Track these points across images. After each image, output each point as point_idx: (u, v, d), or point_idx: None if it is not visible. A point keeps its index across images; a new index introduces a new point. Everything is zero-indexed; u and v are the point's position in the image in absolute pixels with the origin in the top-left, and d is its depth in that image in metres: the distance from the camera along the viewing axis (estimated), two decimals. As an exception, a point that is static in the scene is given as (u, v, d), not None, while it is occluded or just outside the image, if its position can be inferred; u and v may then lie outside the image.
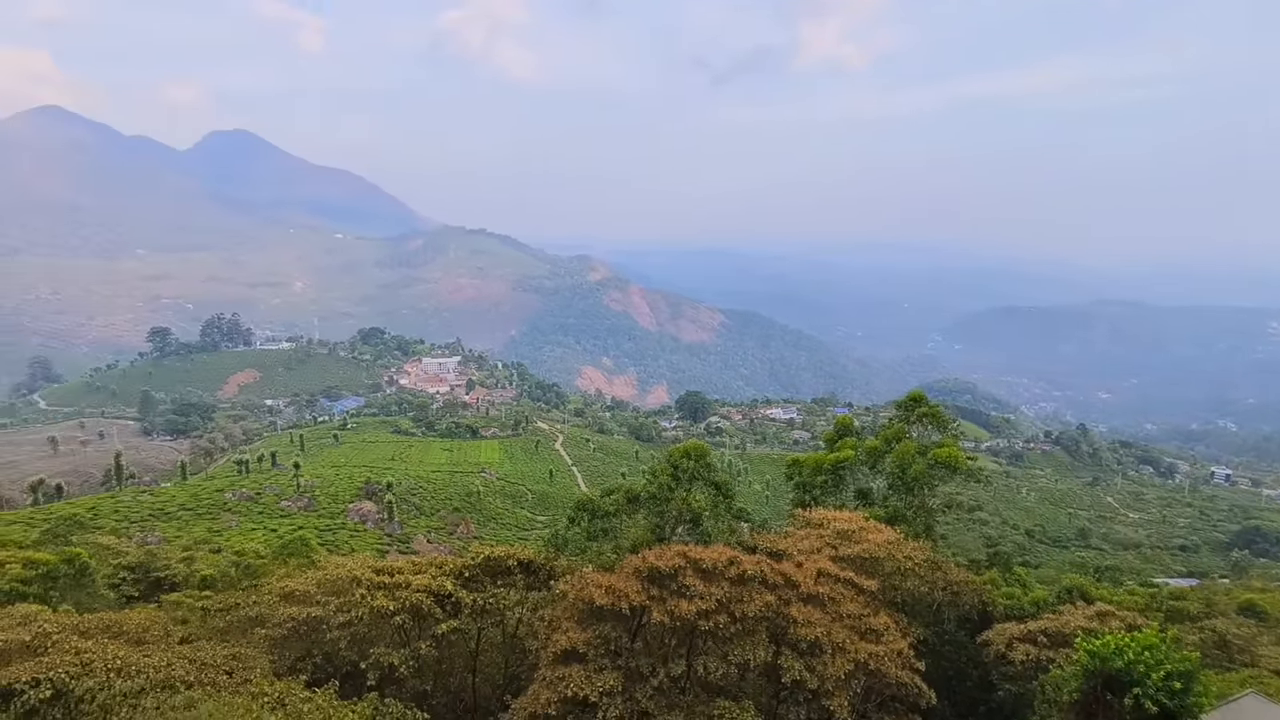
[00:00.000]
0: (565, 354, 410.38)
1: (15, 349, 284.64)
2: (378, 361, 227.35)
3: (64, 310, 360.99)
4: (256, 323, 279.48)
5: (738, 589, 14.21)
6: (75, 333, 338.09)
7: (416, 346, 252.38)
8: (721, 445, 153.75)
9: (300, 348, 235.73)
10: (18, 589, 24.48)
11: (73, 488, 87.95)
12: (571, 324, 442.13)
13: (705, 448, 27.35)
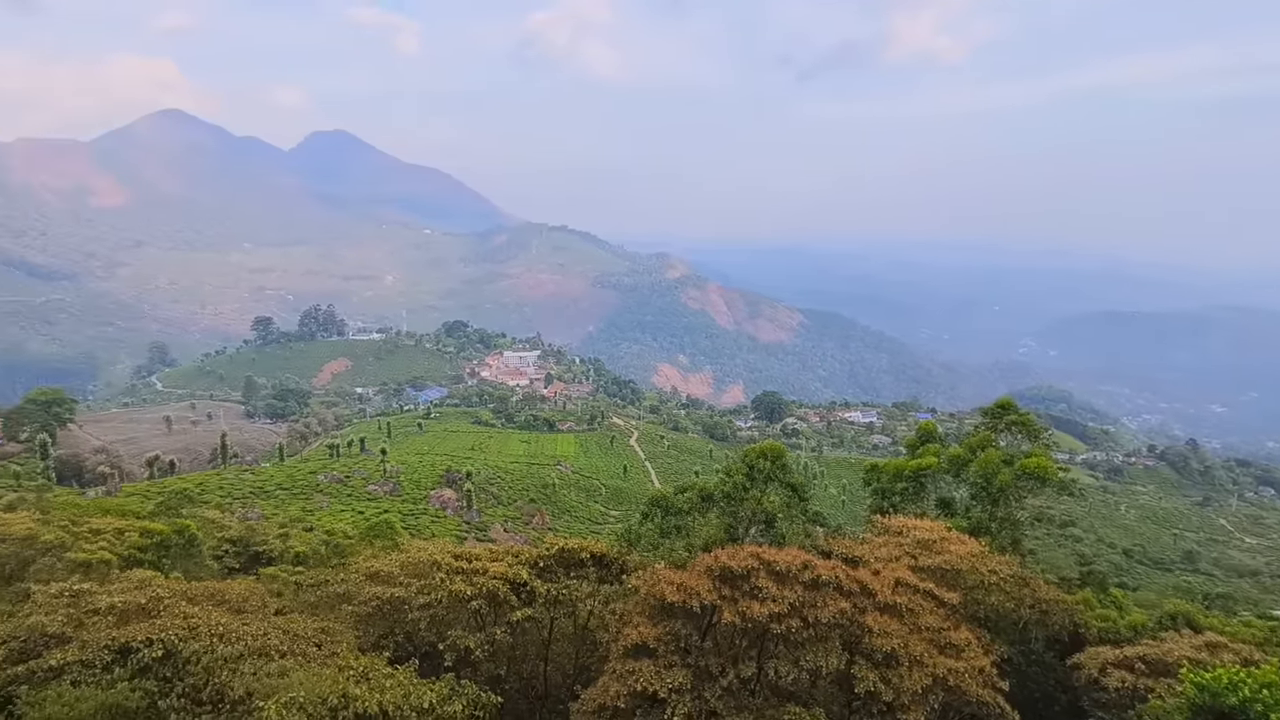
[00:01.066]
0: (642, 351, 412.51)
1: (137, 334, 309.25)
2: (460, 354, 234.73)
3: (179, 299, 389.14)
4: (349, 314, 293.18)
5: (811, 594, 13.94)
6: (189, 320, 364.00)
7: (498, 340, 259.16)
8: (797, 447, 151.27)
9: (389, 339, 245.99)
10: (135, 555, 26.56)
11: (184, 464, 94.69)
12: (649, 321, 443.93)
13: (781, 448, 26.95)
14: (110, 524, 30.61)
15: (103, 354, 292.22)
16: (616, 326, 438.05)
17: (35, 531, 26.36)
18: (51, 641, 14.02)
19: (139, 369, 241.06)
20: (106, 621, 14.49)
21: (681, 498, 26.66)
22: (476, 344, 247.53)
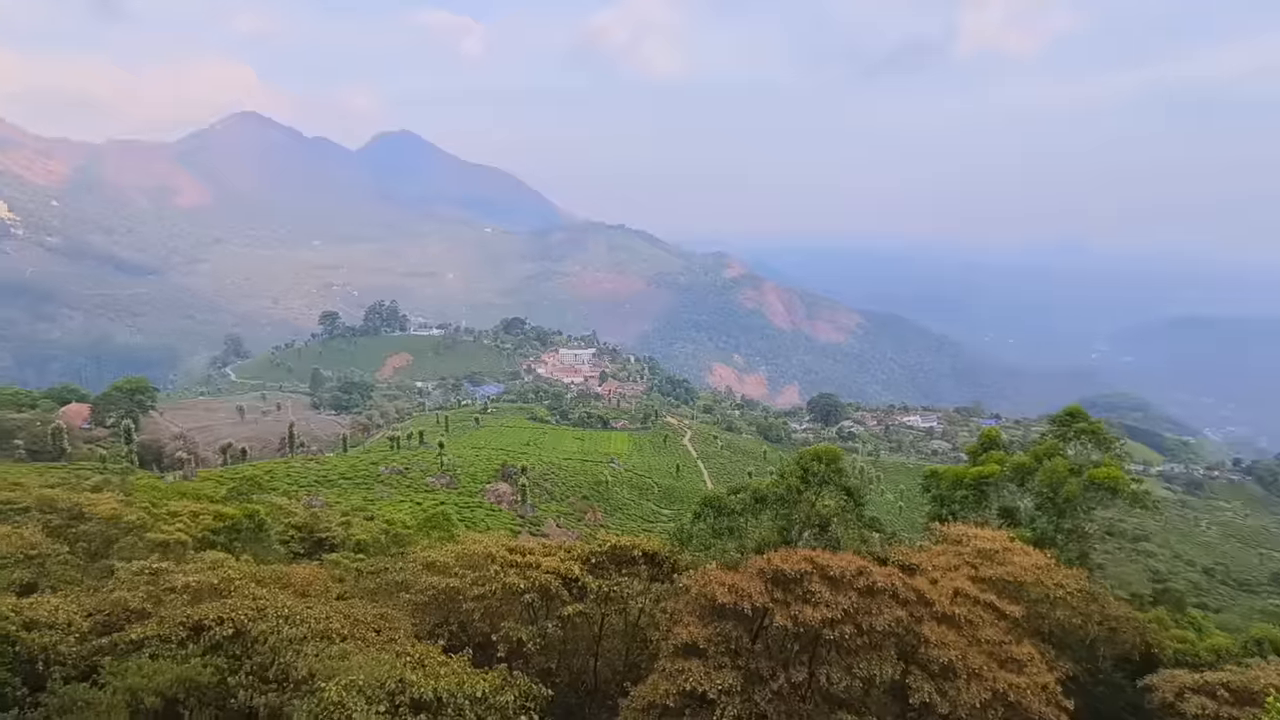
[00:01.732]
0: (697, 350, 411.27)
1: (214, 327, 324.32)
2: (518, 350, 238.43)
3: (253, 294, 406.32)
4: (411, 310, 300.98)
5: (866, 600, 13.67)
6: (261, 314, 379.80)
7: (554, 337, 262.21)
8: (854, 451, 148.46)
9: (449, 335, 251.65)
10: (209, 537, 27.87)
11: (255, 452, 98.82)
12: (704, 320, 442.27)
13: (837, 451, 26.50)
14: (186, 507, 32.19)
15: (182, 345, 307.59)
16: (672, 325, 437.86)
17: (119, 512, 27.92)
18: (132, 616, 14.84)
19: (215, 360, 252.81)
20: (182, 599, 15.26)
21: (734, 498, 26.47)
22: (533, 341, 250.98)
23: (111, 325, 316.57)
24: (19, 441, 77.42)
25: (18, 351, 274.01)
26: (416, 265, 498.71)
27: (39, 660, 13.19)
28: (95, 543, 25.15)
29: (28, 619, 13.85)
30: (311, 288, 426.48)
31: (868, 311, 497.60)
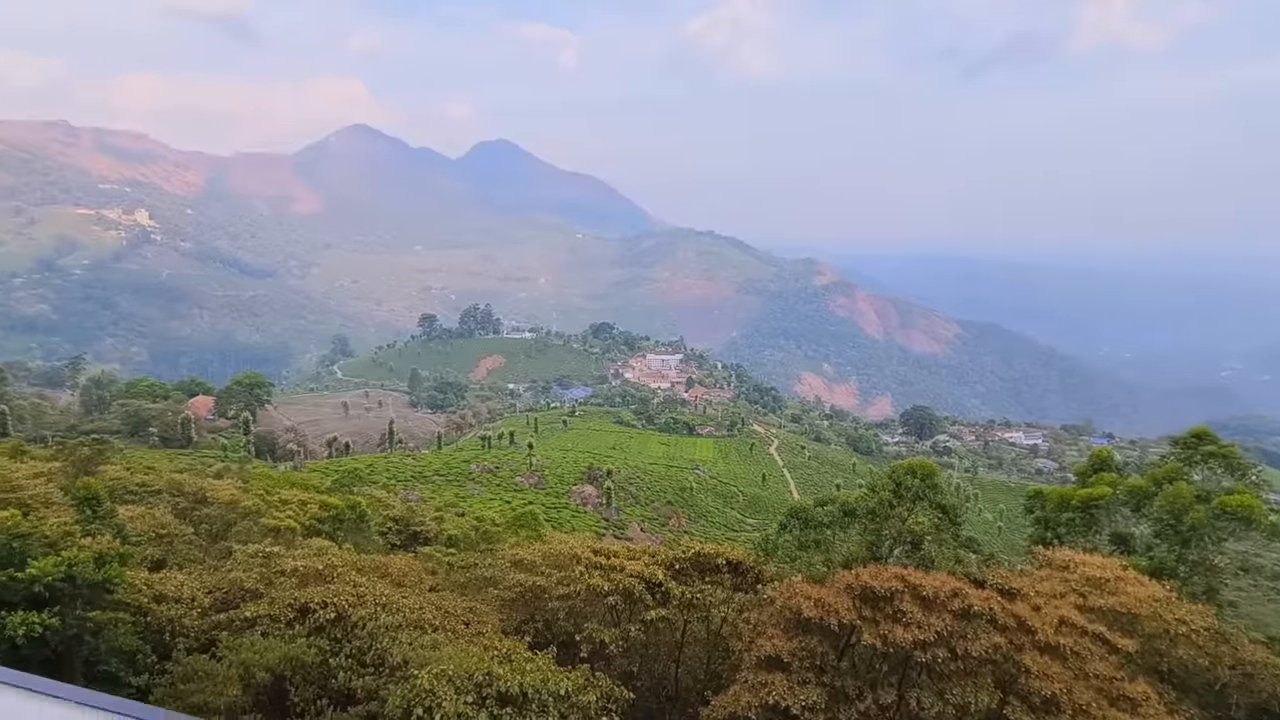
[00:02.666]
0: (785, 358, 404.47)
1: (324, 327, 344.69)
2: (606, 355, 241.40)
3: (359, 296, 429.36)
4: (505, 313, 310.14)
5: (961, 624, 13.02)
6: (366, 315, 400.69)
7: (642, 343, 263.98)
8: (950, 466, 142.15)
9: (540, 338, 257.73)
10: (315, 525, 29.56)
11: (357, 446, 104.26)
12: (793, 328, 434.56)
13: (933, 466, 25.38)
14: (295, 496, 34.25)
15: (295, 344, 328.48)
16: (760, 333, 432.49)
17: (237, 498, 30.04)
18: (247, 595, 15.93)
19: (323, 358, 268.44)
20: (290, 582, 16.25)
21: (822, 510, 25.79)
22: (621, 346, 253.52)
23: (234, 324, 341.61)
24: (153, 429, 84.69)
25: (153, 347, 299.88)
26: (511, 270, 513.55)
27: (166, 631, 14.36)
28: (216, 525, 27.16)
29: (158, 593, 15.10)
30: (412, 290, 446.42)
31: (967, 321, 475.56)
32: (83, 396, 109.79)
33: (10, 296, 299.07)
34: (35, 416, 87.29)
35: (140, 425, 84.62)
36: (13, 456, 32.39)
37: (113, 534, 17.02)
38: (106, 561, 13.27)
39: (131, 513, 23.64)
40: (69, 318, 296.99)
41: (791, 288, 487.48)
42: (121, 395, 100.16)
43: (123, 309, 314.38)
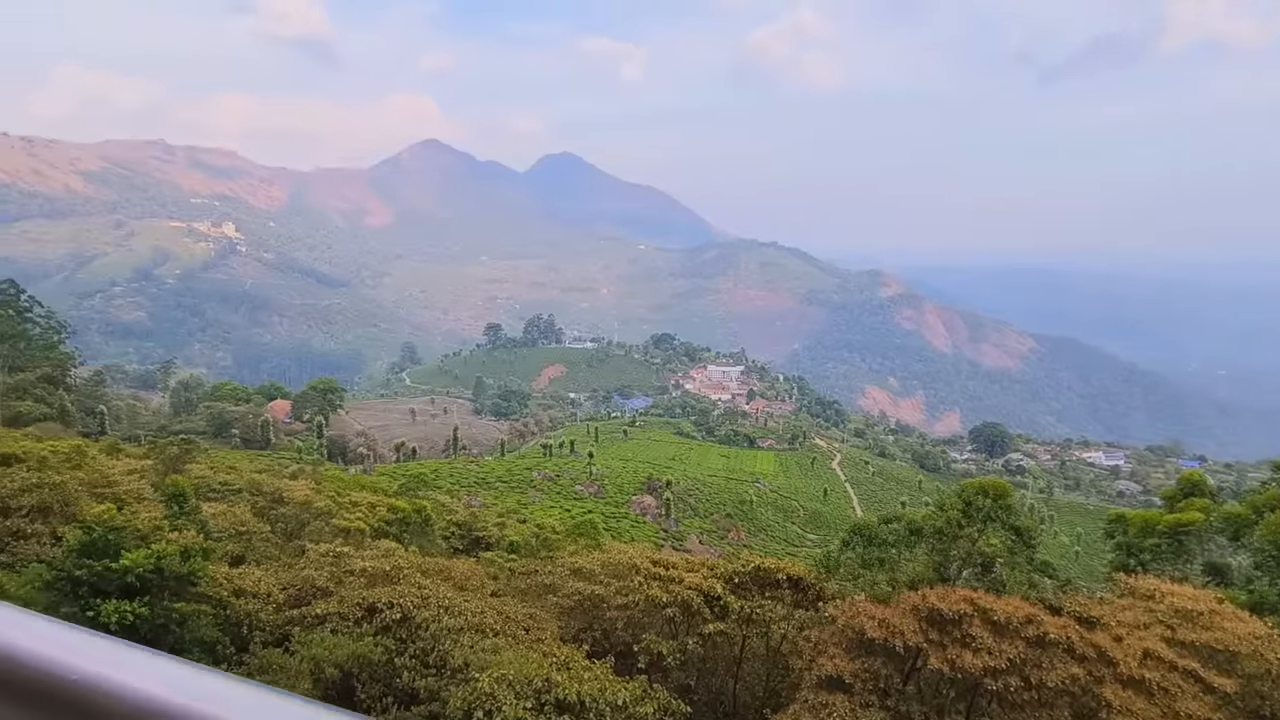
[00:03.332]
0: (849, 371, 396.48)
1: (393, 335, 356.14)
2: (666, 365, 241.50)
3: (427, 306, 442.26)
4: (567, 323, 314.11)
5: (1035, 652, 12.45)
6: (434, 324, 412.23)
7: (702, 354, 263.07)
8: (1023, 486, 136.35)
9: (601, 348, 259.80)
10: (382, 527, 30.46)
11: (423, 451, 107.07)
12: (857, 340, 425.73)
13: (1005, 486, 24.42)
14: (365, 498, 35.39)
15: (366, 351, 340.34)
16: (823, 345, 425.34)
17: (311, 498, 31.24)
18: (318, 593, 16.51)
19: (393, 365, 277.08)
20: (359, 582, 16.77)
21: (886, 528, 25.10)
22: (682, 357, 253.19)
23: (311, 331, 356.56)
24: (235, 431, 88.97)
25: (237, 352, 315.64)
26: (574, 280, 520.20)
27: (244, 624, 15.01)
28: (291, 524, 28.30)
29: (237, 587, 15.81)
30: (478, 300, 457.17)
31: (1042, 335, 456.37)
32: (173, 398, 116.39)
33: (111, 304, 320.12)
34: (130, 416, 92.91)
35: (224, 427, 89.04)
36: (110, 454, 34.54)
37: (197, 529, 17.93)
38: (191, 555, 13.99)
39: (214, 510, 24.86)
40: (162, 324, 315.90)
41: (856, 299, 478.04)
42: (207, 398, 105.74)
43: (210, 316, 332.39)
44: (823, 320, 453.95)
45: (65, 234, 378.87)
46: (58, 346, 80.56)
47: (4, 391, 58.51)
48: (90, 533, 13.05)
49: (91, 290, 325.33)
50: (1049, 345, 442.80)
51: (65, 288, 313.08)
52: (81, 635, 1.06)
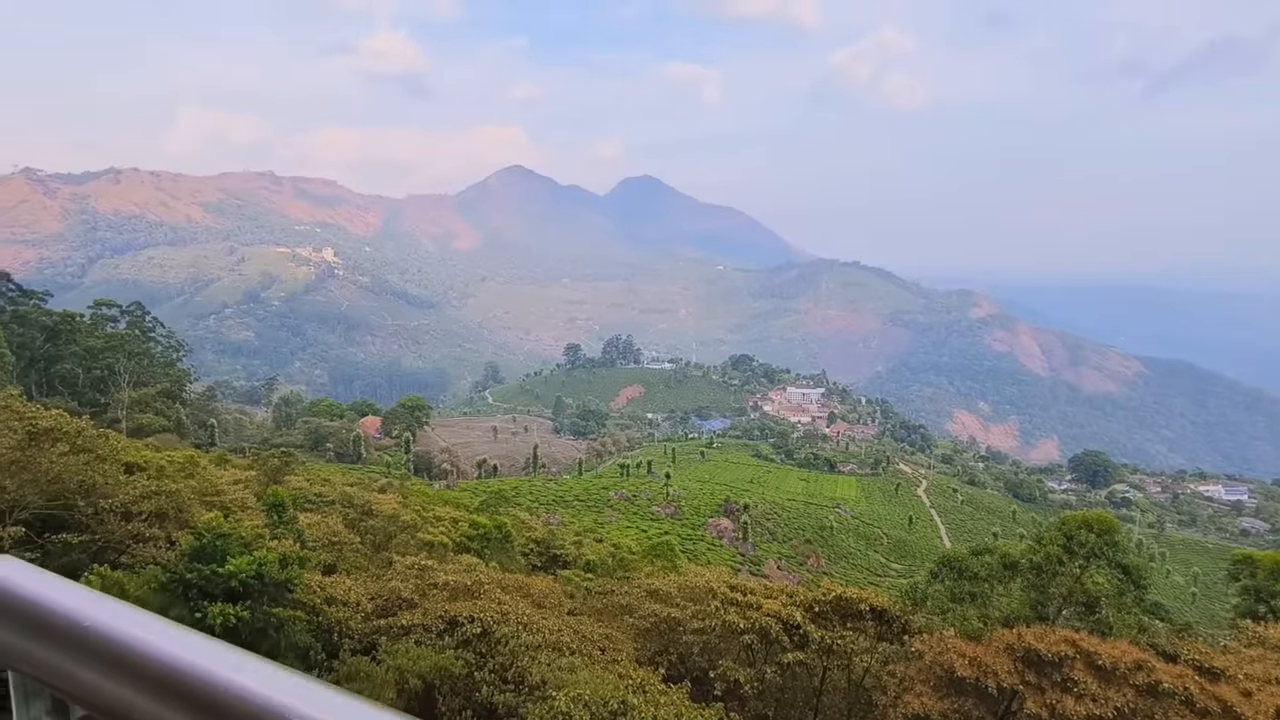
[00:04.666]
0: (936, 394, 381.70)
1: (478, 354, 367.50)
2: (744, 387, 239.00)
3: (510, 326, 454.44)
4: (645, 344, 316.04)
5: (1147, 701, 11.52)
6: (516, 344, 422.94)
7: (782, 375, 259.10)
8: (1129, 520, 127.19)
9: (679, 369, 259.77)
10: (464, 542, 31.21)
11: (504, 468, 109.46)
12: (945, 363, 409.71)
13: (1112, 521, 22.82)
14: (448, 513, 36.42)
15: (451, 370, 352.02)
16: (908, 367, 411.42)
17: (398, 512, 32.38)
18: (403, 604, 17.03)
19: (476, 384, 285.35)
20: (442, 595, 17.22)
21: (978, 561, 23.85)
22: (760, 378, 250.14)
23: (401, 351, 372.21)
24: (330, 445, 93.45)
25: (333, 370, 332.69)
26: (652, 301, 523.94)
27: (334, 631, 15.64)
28: (379, 536, 29.38)
29: (329, 595, 16.50)
30: (559, 321, 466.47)
31: (1151, 359, 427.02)
32: (275, 413, 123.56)
33: (223, 324, 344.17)
34: (237, 430, 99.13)
35: (319, 441, 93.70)
36: (218, 464, 36.89)
37: (294, 538, 18.87)
38: (289, 563, 14.73)
39: (309, 520, 26.11)
40: (267, 343, 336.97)
41: (943, 320, 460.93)
42: (305, 413, 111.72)
43: (309, 336, 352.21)
44: (908, 342, 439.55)
45: (186, 260, 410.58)
46: (176, 364, 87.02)
47: (130, 405, 63.55)
48: (200, 539, 13.94)
49: (206, 312, 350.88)
50: (1159, 369, 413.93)
51: (184, 310, 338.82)
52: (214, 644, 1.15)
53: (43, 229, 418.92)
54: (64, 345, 64.12)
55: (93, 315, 74.95)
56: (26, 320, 62.62)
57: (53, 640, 1.11)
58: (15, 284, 65.91)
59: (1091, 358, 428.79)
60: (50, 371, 63.24)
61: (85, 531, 16.48)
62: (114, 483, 18.05)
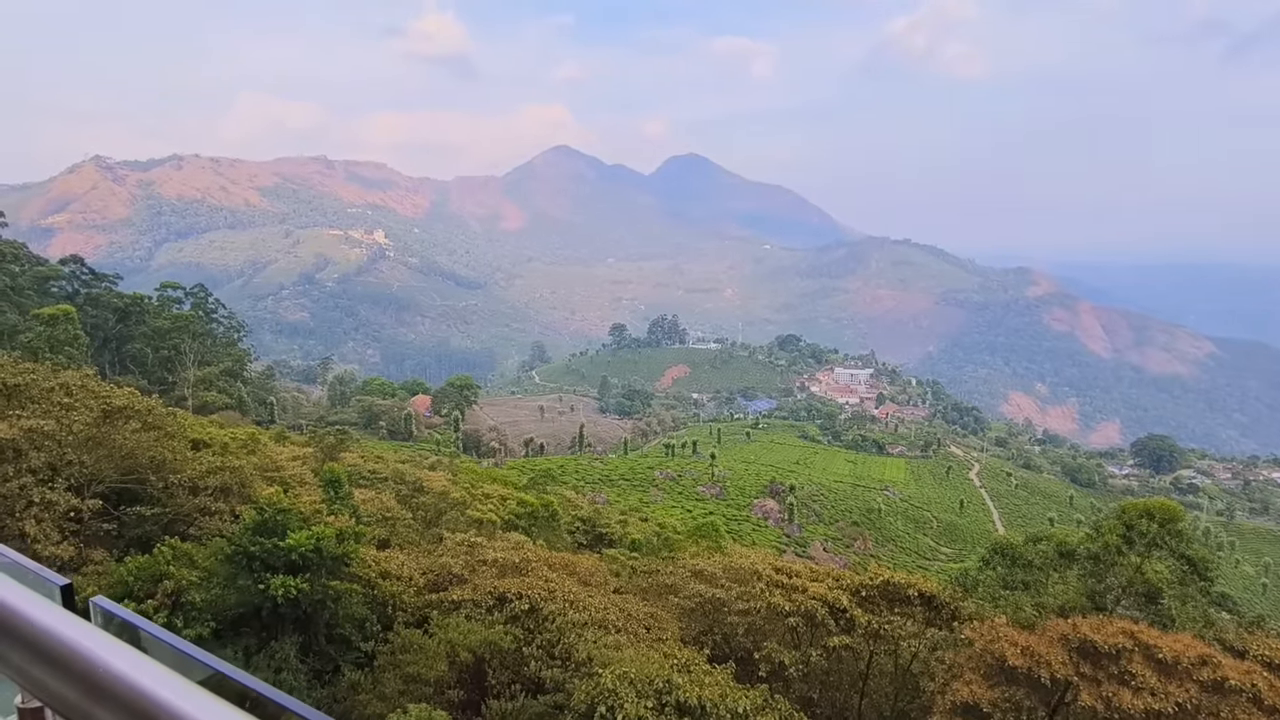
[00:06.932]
0: (990, 375, 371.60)
1: (524, 334, 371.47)
2: (791, 367, 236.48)
3: (556, 306, 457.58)
4: (691, 324, 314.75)
5: (1212, 698, 11.12)
6: (562, 324, 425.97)
7: (829, 356, 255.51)
8: (1196, 507, 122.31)
9: (725, 349, 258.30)
10: (512, 520, 31.83)
11: (550, 447, 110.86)
12: (1000, 343, 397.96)
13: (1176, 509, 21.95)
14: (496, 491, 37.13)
15: (499, 349, 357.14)
16: (961, 347, 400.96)
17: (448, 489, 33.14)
18: (454, 580, 17.50)
19: (523, 364, 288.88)
20: (491, 571, 17.61)
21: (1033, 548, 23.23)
22: (808, 359, 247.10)
23: (449, 331, 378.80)
24: (383, 423, 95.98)
25: (384, 350, 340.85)
26: (698, 281, 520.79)
27: (389, 604, 16.17)
28: (429, 513, 30.16)
29: (383, 569, 17.04)
30: (604, 301, 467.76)
31: (1223, 339, 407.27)
32: (330, 392, 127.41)
33: (280, 305, 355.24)
34: (294, 407, 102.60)
35: (373, 419, 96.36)
36: (278, 441, 38.28)
37: (350, 514, 19.51)
38: (345, 538, 15.24)
39: (364, 496, 26.95)
40: (322, 324, 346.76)
41: (999, 299, 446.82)
42: (359, 392, 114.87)
43: (362, 316, 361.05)
44: (961, 321, 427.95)
45: (244, 243, 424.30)
46: (237, 344, 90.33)
47: (195, 383, 66.31)
48: (262, 513, 14.51)
49: (264, 293, 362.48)
50: (1233, 350, 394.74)
51: (244, 291, 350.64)
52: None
53: (112, 215, 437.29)
54: (134, 326, 67.10)
55: (159, 297, 78.17)
56: (99, 302, 65.65)
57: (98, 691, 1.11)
58: (88, 268, 69.04)
59: (1159, 338, 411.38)
60: (122, 351, 66.32)
61: (156, 505, 17.33)
62: (182, 458, 18.91)
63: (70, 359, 39.24)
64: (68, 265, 68.05)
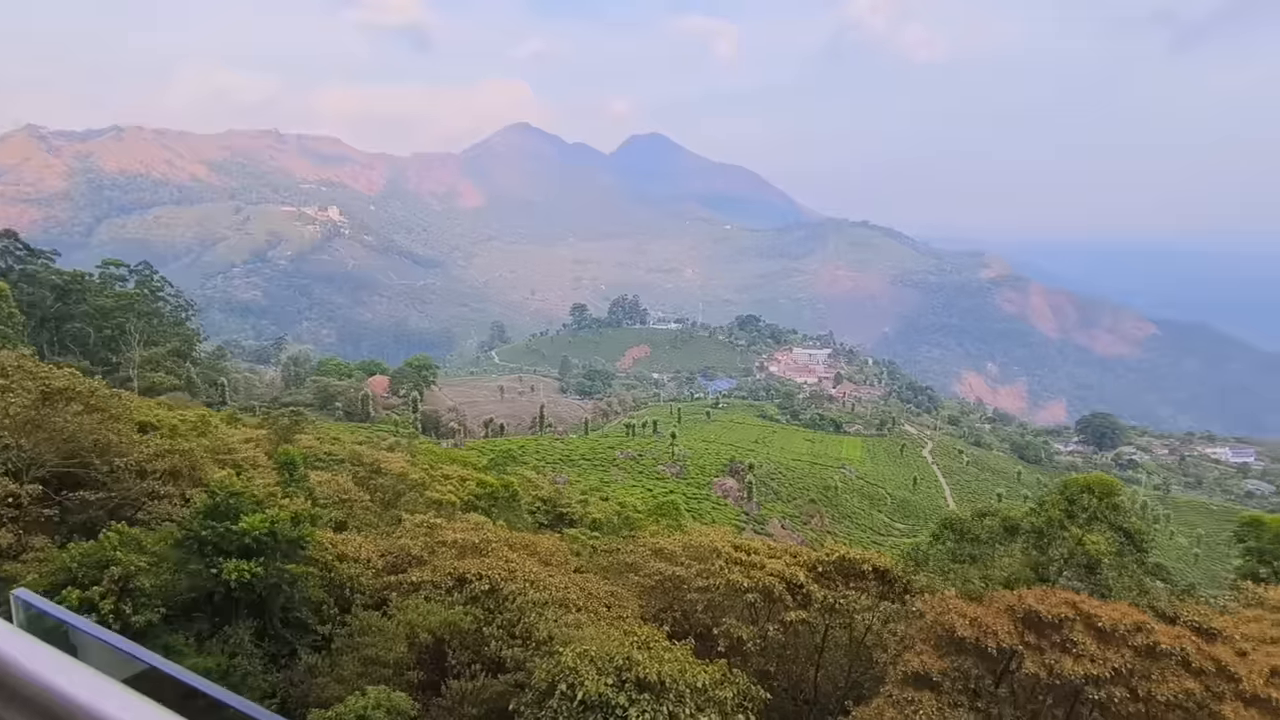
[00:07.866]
0: (943, 356, 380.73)
1: (483, 315, 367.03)
2: (751, 347, 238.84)
3: (516, 286, 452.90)
4: (652, 304, 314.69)
5: (1145, 662, 11.69)
6: (522, 304, 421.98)
7: (788, 336, 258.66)
8: (1135, 481, 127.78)
9: (685, 329, 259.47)
10: (472, 501, 31.67)
11: (510, 428, 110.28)
12: (953, 324, 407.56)
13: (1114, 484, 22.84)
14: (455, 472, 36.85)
15: (457, 330, 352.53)
16: (916, 328, 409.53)
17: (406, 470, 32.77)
18: (413, 561, 17.36)
19: (482, 344, 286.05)
20: (450, 553, 17.51)
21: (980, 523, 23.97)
22: (767, 339, 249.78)
23: (407, 310, 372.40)
24: (339, 404, 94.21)
25: (340, 329, 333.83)
26: (659, 261, 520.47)
27: (346, 587, 15.98)
28: (388, 494, 29.82)
29: (340, 552, 16.82)
30: (565, 281, 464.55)
31: (1165, 320, 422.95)
32: (284, 372, 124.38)
33: (230, 284, 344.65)
34: (246, 389, 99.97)
35: (328, 400, 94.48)
36: (229, 423, 37.32)
37: (305, 496, 19.16)
38: (301, 521, 14.97)
39: (320, 478, 26.49)
40: (275, 303, 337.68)
41: (953, 281, 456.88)
42: (314, 373, 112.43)
43: (316, 295, 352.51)
44: (916, 302, 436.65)
45: (192, 219, 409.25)
46: (185, 323, 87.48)
47: (141, 364, 64.08)
48: (214, 496, 14.16)
49: (214, 271, 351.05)
50: (1173, 331, 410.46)
51: (192, 269, 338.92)
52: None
53: (47, 188, 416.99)
54: (74, 304, 64.42)
55: (101, 275, 75.10)
56: (36, 279, 62.84)
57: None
58: (22, 243, 65.92)
59: (1104, 319, 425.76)
60: (61, 330, 63.67)
61: (101, 489, 16.76)
62: (128, 441, 18.29)
63: (4, 338, 37.57)
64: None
